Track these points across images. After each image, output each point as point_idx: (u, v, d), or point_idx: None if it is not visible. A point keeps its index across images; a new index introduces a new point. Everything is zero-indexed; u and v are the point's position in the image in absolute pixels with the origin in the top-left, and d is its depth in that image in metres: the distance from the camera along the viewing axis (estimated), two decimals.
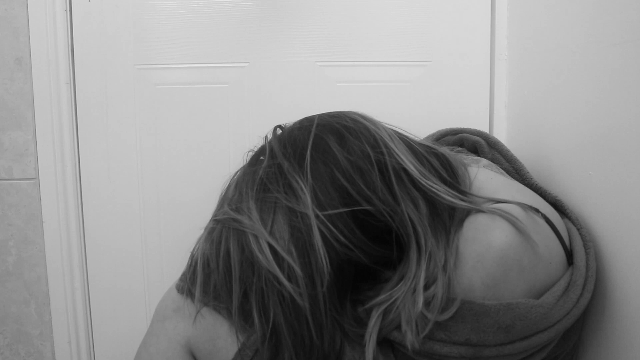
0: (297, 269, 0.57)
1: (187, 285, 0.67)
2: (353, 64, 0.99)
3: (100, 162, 0.99)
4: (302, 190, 0.59)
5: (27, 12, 0.95)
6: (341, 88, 0.99)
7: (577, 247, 0.63)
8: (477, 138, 0.81)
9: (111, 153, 0.99)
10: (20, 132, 0.98)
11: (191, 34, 0.98)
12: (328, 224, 0.58)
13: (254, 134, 0.68)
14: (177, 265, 0.71)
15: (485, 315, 0.56)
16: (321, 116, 0.66)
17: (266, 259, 0.57)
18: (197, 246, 0.65)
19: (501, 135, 0.99)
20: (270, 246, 0.58)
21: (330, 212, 0.58)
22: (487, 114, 1.01)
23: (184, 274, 0.69)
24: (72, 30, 0.97)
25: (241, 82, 0.99)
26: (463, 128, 0.85)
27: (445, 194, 0.60)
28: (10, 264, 1.00)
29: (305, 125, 0.65)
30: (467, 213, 0.60)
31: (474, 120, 0.99)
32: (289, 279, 0.57)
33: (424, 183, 0.60)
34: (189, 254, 0.71)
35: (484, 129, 1.00)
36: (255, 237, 0.58)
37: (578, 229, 0.65)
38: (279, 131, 0.67)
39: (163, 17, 0.97)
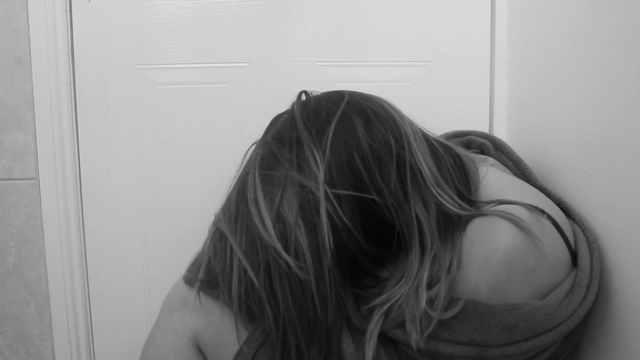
0: (304, 243, 0.57)
1: (194, 276, 0.67)
2: (353, 64, 0.99)
3: (100, 162, 0.99)
4: (315, 162, 0.59)
5: (27, 12, 0.95)
6: (341, 88, 0.99)
7: (582, 249, 0.63)
8: (484, 140, 0.81)
9: (111, 153, 0.99)
10: (20, 132, 0.98)
11: (191, 34, 0.98)
12: (334, 202, 0.58)
13: (254, 134, 0.68)
14: (177, 265, 0.71)
15: (489, 315, 0.56)
16: (352, 94, 0.65)
17: (268, 234, 0.57)
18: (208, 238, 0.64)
19: (501, 135, 0.99)
20: (278, 217, 0.57)
21: (340, 191, 0.58)
22: (487, 114, 1.01)
23: (192, 265, 0.69)
24: (72, 30, 0.97)
25: (241, 82, 0.99)
26: (470, 130, 0.86)
27: (450, 203, 0.60)
28: (10, 264, 1.00)
29: (334, 99, 0.64)
30: (472, 215, 0.60)
31: (474, 120, 0.99)
32: (295, 253, 0.57)
33: (432, 190, 0.60)
34: (189, 254, 0.71)
35: (484, 129, 1.00)
36: (259, 212, 0.58)
37: (582, 230, 0.65)
38: (304, 96, 0.67)
39: (163, 17, 0.97)
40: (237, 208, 0.61)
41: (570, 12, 0.73)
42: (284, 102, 1.03)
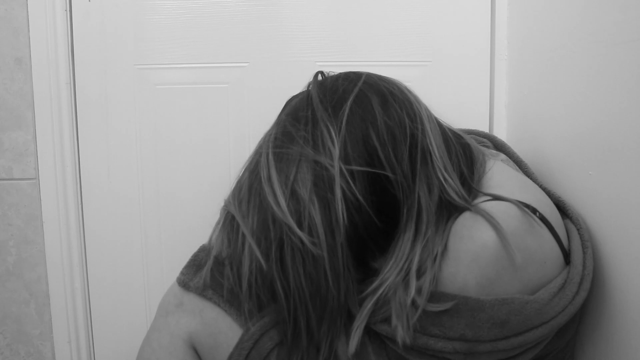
0: (318, 218, 0.57)
1: (188, 278, 0.67)
2: (353, 64, 0.99)
3: (100, 162, 0.99)
4: (331, 138, 0.59)
5: (27, 12, 0.95)
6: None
7: (575, 247, 0.63)
8: (485, 140, 0.81)
9: (111, 153, 0.99)
10: (20, 132, 0.98)
11: (191, 34, 0.98)
12: (348, 178, 0.58)
13: (254, 134, 0.68)
14: (177, 265, 0.71)
15: (480, 310, 0.56)
16: (369, 74, 0.66)
17: (281, 211, 0.57)
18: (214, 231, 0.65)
19: (501, 135, 0.99)
20: (292, 194, 0.57)
21: (354, 167, 0.58)
22: (487, 114, 1.01)
23: (185, 268, 0.69)
24: (72, 30, 0.97)
25: (241, 82, 0.99)
26: (471, 129, 0.86)
27: (452, 190, 0.61)
28: (10, 264, 1.00)
29: (352, 77, 0.65)
30: (465, 208, 0.60)
31: (474, 120, 0.99)
32: (309, 229, 0.57)
33: (439, 174, 0.61)
34: (189, 254, 0.71)
35: (484, 128, 1.00)
36: (272, 190, 0.58)
37: (578, 229, 0.65)
38: (320, 76, 0.68)
39: (163, 17, 0.97)
40: (249, 187, 0.61)
41: (570, 11, 0.73)
42: (284, 102, 1.02)
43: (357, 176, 0.59)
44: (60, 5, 0.95)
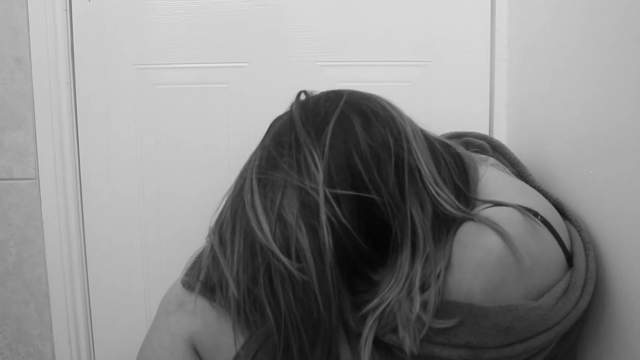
0: (305, 243, 0.56)
1: (192, 280, 0.67)
2: (353, 64, 0.99)
3: (100, 162, 0.99)
4: (314, 163, 0.58)
5: (27, 12, 0.95)
6: (342, 88, 0.99)
7: (577, 249, 0.63)
8: (481, 142, 0.81)
9: (111, 153, 0.99)
10: (20, 132, 0.98)
11: (191, 34, 0.98)
12: (333, 203, 0.58)
13: (253, 134, 0.68)
14: (176, 264, 0.72)
15: (484, 317, 0.56)
16: (351, 94, 0.65)
17: (265, 237, 0.57)
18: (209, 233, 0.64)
19: (501, 135, 0.99)
20: (279, 219, 0.57)
21: (339, 191, 0.58)
22: (487, 114, 1.01)
23: (189, 269, 0.69)
24: (72, 30, 0.97)
25: (241, 82, 0.99)
26: (467, 132, 0.86)
27: (447, 203, 0.60)
28: (10, 264, 1.00)
29: (333, 98, 0.64)
30: (465, 218, 0.60)
31: (474, 120, 0.99)
32: (297, 253, 0.56)
33: (431, 189, 0.60)
34: (189, 254, 0.71)
35: (484, 129, 1.00)
36: (256, 215, 0.58)
37: (578, 231, 0.65)
38: (303, 96, 0.67)
39: (163, 17, 0.97)
40: (234, 212, 0.60)
41: (570, 11, 0.73)
42: (284, 102, 1.02)
43: (342, 200, 0.58)
44: (60, 5, 0.95)
